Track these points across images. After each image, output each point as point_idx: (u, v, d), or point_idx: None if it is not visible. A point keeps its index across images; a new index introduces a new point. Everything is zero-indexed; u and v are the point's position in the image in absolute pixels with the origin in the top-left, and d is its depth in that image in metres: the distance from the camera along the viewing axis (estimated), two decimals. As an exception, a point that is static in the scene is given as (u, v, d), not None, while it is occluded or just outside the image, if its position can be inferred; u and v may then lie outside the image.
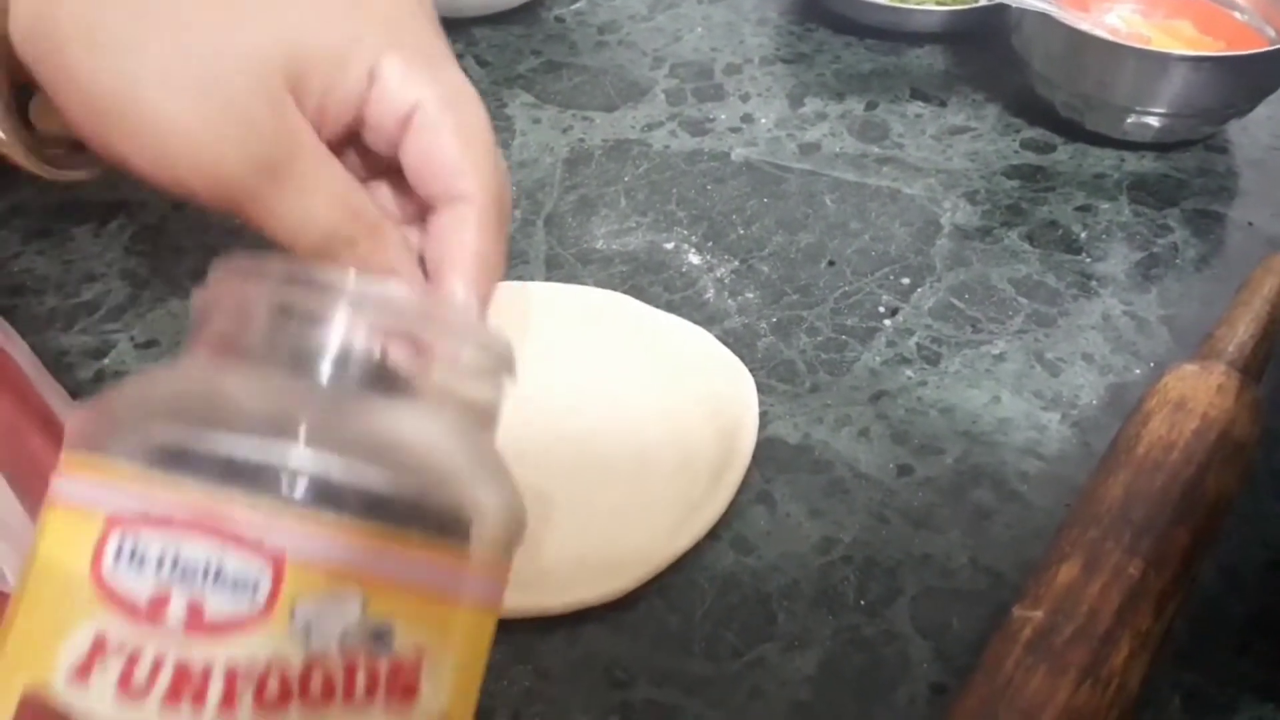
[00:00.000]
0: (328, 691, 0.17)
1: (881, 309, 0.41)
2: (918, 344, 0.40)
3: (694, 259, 0.44)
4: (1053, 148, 0.51)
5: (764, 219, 0.46)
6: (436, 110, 0.30)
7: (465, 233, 0.31)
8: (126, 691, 0.16)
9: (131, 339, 0.41)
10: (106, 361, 0.40)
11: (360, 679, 0.17)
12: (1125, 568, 0.27)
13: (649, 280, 0.43)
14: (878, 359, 0.39)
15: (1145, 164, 0.49)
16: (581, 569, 0.31)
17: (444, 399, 0.20)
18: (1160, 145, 0.50)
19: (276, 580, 0.17)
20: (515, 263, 0.44)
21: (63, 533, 0.18)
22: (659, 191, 0.48)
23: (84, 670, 0.16)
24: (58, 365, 0.39)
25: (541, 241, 0.45)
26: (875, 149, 0.50)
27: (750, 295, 0.42)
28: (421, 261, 0.32)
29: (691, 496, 0.33)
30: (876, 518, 0.34)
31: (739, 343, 0.40)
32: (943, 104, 0.53)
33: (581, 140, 0.51)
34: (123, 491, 0.17)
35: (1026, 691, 0.25)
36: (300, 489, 0.17)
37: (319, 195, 0.29)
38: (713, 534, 0.33)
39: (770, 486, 0.35)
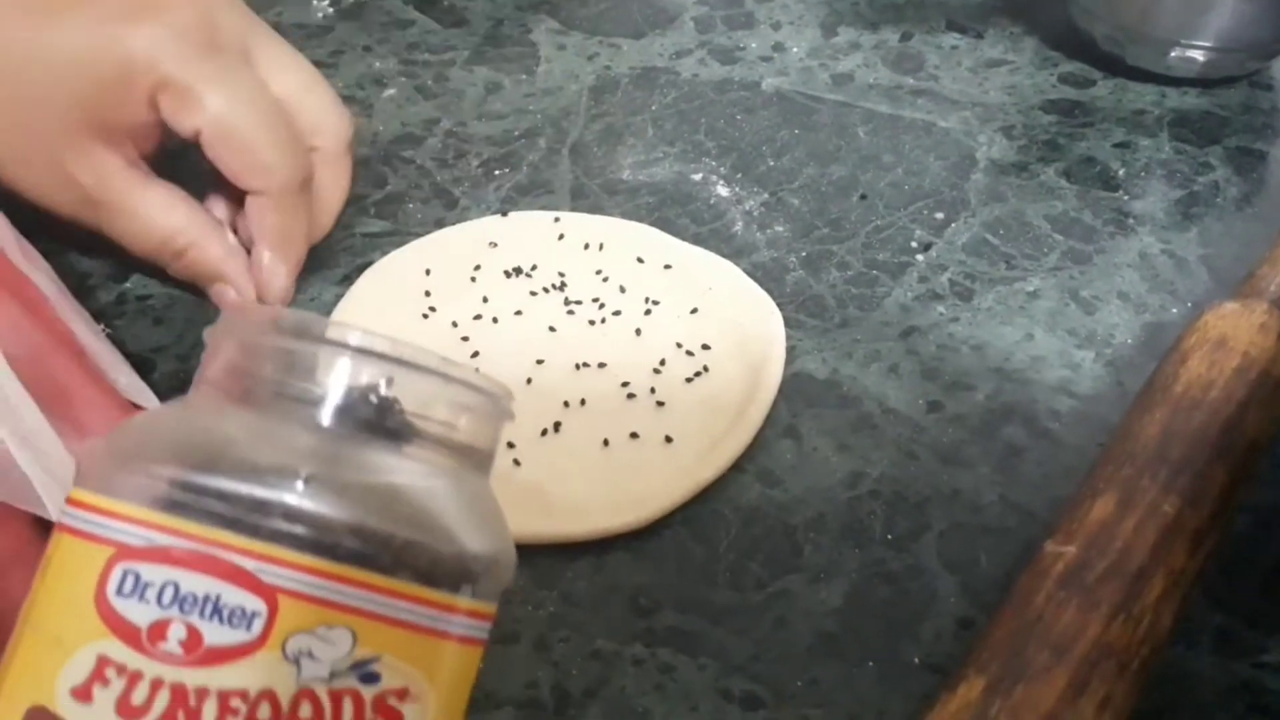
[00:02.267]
0: None
1: (914, 244, 0.41)
2: (950, 280, 0.39)
3: (722, 191, 0.43)
4: (1092, 82, 0.49)
5: (795, 151, 0.45)
6: (213, 135, 0.35)
7: (266, 216, 0.37)
8: (124, 712, 0.17)
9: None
10: (128, 285, 0.40)
11: (347, 710, 0.18)
12: (1160, 505, 0.27)
13: (676, 212, 0.42)
14: (909, 295, 0.39)
15: (1187, 100, 0.48)
16: (606, 498, 0.31)
17: (440, 447, 0.20)
18: (1204, 81, 0.48)
19: (271, 615, 0.18)
20: (540, 192, 0.43)
21: (70, 560, 0.19)
22: (687, 121, 0.47)
23: (85, 690, 0.18)
24: (80, 288, 0.39)
25: (567, 171, 0.44)
26: (910, 80, 0.49)
27: (780, 228, 0.41)
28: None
29: (716, 429, 0.33)
30: (905, 453, 0.33)
31: (767, 277, 0.39)
32: (979, 36, 0.52)
33: (608, 68, 0.50)
34: (128, 528, 0.18)
35: (1057, 626, 0.25)
36: (295, 533, 0.18)
37: (139, 219, 0.36)
38: (738, 467, 0.33)
39: (797, 421, 0.34)
